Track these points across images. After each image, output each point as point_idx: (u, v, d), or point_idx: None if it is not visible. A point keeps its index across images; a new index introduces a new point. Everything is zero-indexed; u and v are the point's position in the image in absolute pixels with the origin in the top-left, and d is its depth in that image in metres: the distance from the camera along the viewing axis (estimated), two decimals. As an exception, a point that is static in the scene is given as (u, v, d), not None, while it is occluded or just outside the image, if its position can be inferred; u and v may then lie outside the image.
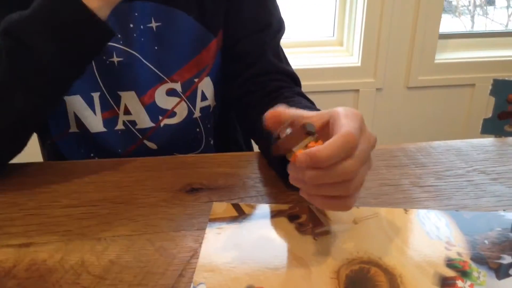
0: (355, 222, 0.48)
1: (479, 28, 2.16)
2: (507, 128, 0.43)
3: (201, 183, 0.55)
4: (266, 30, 0.70)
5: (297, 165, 0.37)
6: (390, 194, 0.53)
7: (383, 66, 1.81)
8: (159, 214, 0.50)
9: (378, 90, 1.86)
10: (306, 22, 2.07)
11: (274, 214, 0.50)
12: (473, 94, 1.89)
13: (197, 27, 0.66)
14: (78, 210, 0.50)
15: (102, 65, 0.64)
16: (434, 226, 0.48)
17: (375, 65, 1.81)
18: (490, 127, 0.44)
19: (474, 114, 1.92)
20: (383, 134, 1.93)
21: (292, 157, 0.39)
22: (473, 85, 1.87)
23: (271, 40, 0.71)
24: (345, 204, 0.40)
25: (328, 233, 0.47)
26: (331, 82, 1.81)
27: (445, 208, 0.51)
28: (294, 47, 1.89)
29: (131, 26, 0.63)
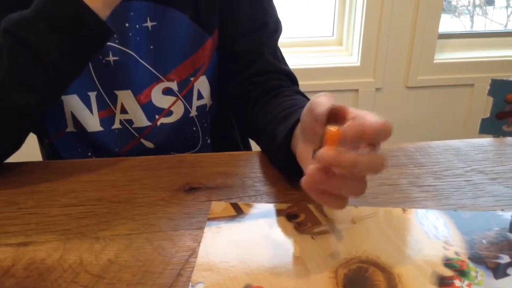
0: (354, 221, 0.48)
1: (479, 28, 2.17)
2: (505, 128, 0.43)
3: (199, 182, 0.55)
4: (263, 29, 0.70)
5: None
6: (388, 194, 0.54)
7: (383, 66, 1.81)
8: (158, 213, 0.50)
9: (378, 90, 1.86)
10: (306, 22, 2.07)
11: (272, 214, 0.50)
12: (472, 94, 1.89)
13: (192, 26, 0.66)
14: (76, 209, 0.50)
15: (99, 64, 0.64)
16: (432, 225, 0.48)
17: (375, 65, 1.81)
18: (488, 127, 0.44)
19: (473, 114, 1.92)
20: (382, 134, 1.93)
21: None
22: (472, 85, 1.87)
23: (268, 40, 0.71)
24: (343, 204, 0.40)
25: (326, 232, 0.47)
26: (331, 81, 1.81)
27: (443, 207, 0.51)
28: (293, 47, 1.89)
29: (127, 25, 0.63)
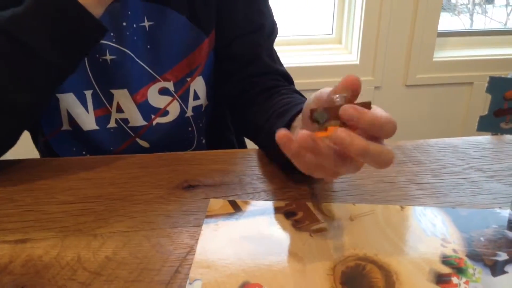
0: (351, 219, 0.48)
1: (478, 26, 2.16)
2: (503, 125, 0.43)
3: (197, 180, 0.55)
4: (259, 31, 0.70)
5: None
6: (386, 191, 0.54)
7: (382, 64, 1.81)
8: (156, 210, 0.50)
9: (377, 88, 1.86)
10: (305, 20, 2.07)
11: (270, 211, 0.50)
12: (471, 92, 1.89)
13: (189, 27, 0.66)
14: (74, 206, 0.50)
15: (95, 63, 0.64)
16: (430, 223, 0.48)
17: (374, 63, 1.81)
18: (486, 125, 0.44)
19: (472, 112, 1.92)
20: (381, 132, 1.93)
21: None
22: (471, 83, 1.87)
23: (265, 41, 0.71)
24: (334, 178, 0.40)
25: (324, 229, 0.47)
26: (330, 80, 1.81)
27: (441, 205, 0.51)
28: (293, 45, 1.89)
29: (124, 24, 0.63)
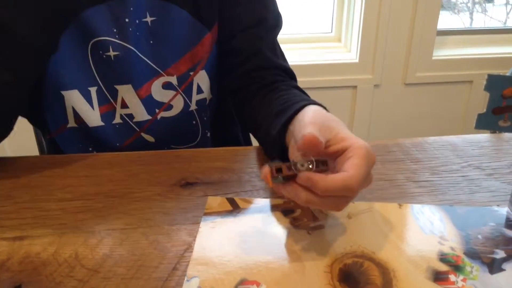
0: (349, 216, 0.48)
1: (478, 25, 2.16)
2: (501, 123, 0.43)
3: (196, 178, 0.55)
4: (261, 25, 0.70)
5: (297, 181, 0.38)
6: (384, 189, 0.54)
7: (381, 62, 1.81)
8: (154, 208, 0.50)
9: (376, 86, 1.86)
10: (305, 18, 2.07)
11: (268, 209, 0.50)
12: (470, 90, 1.89)
13: (191, 21, 0.66)
14: (72, 203, 0.50)
15: (99, 59, 0.64)
16: (428, 220, 0.48)
17: (373, 61, 1.81)
18: (484, 122, 0.44)
19: (472, 110, 1.92)
20: (381, 130, 1.94)
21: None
22: (470, 81, 1.87)
23: (267, 35, 0.71)
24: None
25: (322, 227, 0.47)
26: (329, 78, 1.81)
27: (439, 203, 0.51)
28: (292, 43, 1.89)
29: (127, 20, 0.63)
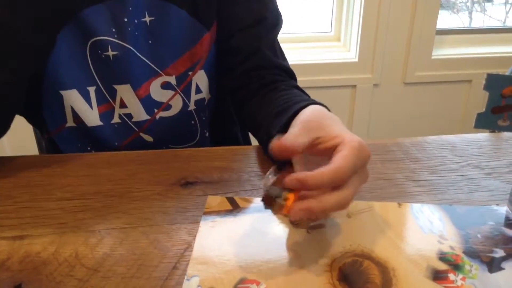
0: (349, 216, 0.48)
1: (477, 24, 2.17)
2: (501, 122, 0.43)
3: (196, 177, 0.55)
4: (261, 24, 0.70)
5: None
6: (384, 188, 0.54)
7: (380, 62, 1.81)
8: (154, 207, 0.50)
9: (375, 85, 1.86)
10: (304, 18, 2.07)
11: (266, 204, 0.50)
12: (470, 90, 1.89)
13: (190, 21, 0.66)
14: (72, 203, 0.50)
15: (98, 59, 0.64)
16: (427, 220, 0.48)
17: (372, 60, 1.81)
18: (483, 122, 0.44)
19: (471, 110, 1.93)
20: (380, 130, 1.94)
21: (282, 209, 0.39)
22: (470, 81, 1.88)
23: (267, 34, 0.71)
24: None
25: (322, 226, 0.47)
26: (329, 77, 1.81)
27: (438, 202, 0.51)
28: (291, 42, 1.89)
29: (126, 20, 0.63)
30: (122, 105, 0.68)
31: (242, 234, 0.46)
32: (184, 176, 0.56)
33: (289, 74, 0.71)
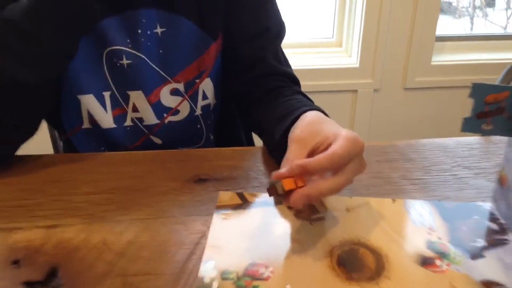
0: (348, 210, 0.54)
1: (479, 30, 2.21)
2: (484, 126, 0.48)
3: (208, 174, 0.61)
4: (265, 34, 0.74)
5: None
6: (380, 186, 0.59)
7: (381, 67, 1.86)
8: (171, 201, 0.55)
9: (376, 90, 1.91)
10: (306, 24, 2.12)
11: (274, 202, 0.55)
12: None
13: (197, 32, 0.71)
14: (97, 197, 0.56)
15: (113, 67, 0.69)
16: (419, 214, 0.53)
17: (373, 66, 1.86)
18: (469, 126, 0.49)
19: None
20: (380, 134, 1.99)
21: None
22: (469, 87, 1.92)
23: (271, 44, 0.76)
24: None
25: (322, 219, 0.52)
26: (330, 82, 1.86)
27: (429, 198, 0.56)
28: (294, 48, 1.94)
29: (139, 31, 0.68)
30: (134, 109, 0.73)
31: (251, 225, 0.51)
32: (197, 173, 0.61)
33: (292, 80, 0.76)
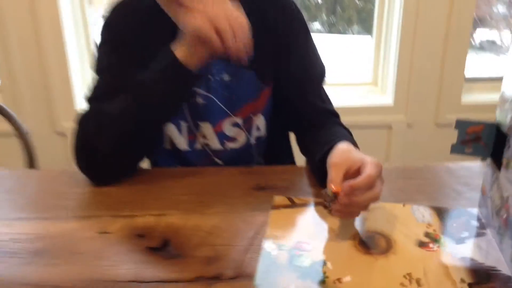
0: (368, 210, 0.73)
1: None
2: (466, 150, 0.68)
3: (265, 184, 0.82)
4: (309, 79, 0.95)
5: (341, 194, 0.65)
6: (396, 196, 0.78)
7: (414, 104, 2.02)
8: (240, 201, 0.77)
9: (409, 126, 2.07)
10: (345, 65, 2.34)
11: (314, 204, 0.76)
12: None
13: (254, 80, 0.93)
14: (188, 197, 0.78)
15: (190, 104, 0.92)
16: (421, 214, 0.72)
17: (407, 103, 2.02)
18: (456, 150, 0.68)
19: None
20: (414, 166, 2.13)
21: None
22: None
23: (314, 86, 0.97)
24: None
25: (350, 216, 0.72)
26: (366, 118, 2.03)
27: (431, 204, 0.75)
28: (334, 86, 2.15)
29: (210, 78, 0.92)
30: (203, 137, 0.96)
31: (298, 217, 0.72)
32: (257, 183, 0.83)
33: (334, 115, 0.97)
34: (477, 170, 0.88)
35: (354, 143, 0.80)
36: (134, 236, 0.68)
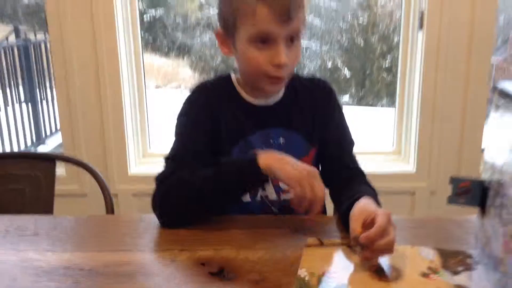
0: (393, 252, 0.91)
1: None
2: (460, 200, 0.86)
3: (304, 228, 1.01)
4: (344, 143, 1.19)
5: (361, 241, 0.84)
6: (407, 240, 0.96)
7: (436, 172, 2.17)
8: (284, 239, 0.96)
9: (432, 193, 2.20)
10: (369, 135, 2.54)
11: (340, 244, 0.94)
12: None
13: (303, 142, 1.16)
14: (240, 236, 0.98)
15: None
16: (426, 253, 0.89)
17: (429, 171, 2.17)
18: (452, 200, 0.87)
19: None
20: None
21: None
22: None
23: (347, 149, 1.20)
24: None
25: (368, 253, 0.90)
26: (390, 185, 2.16)
27: (434, 246, 0.92)
28: (361, 155, 2.32)
29: (271, 141, 1.14)
30: (263, 189, 1.15)
31: (326, 254, 0.90)
32: (298, 227, 1.02)
33: (361, 173, 1.18)
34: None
35: (375, 199, 1.00)
36: (197, 264, 0.88)
